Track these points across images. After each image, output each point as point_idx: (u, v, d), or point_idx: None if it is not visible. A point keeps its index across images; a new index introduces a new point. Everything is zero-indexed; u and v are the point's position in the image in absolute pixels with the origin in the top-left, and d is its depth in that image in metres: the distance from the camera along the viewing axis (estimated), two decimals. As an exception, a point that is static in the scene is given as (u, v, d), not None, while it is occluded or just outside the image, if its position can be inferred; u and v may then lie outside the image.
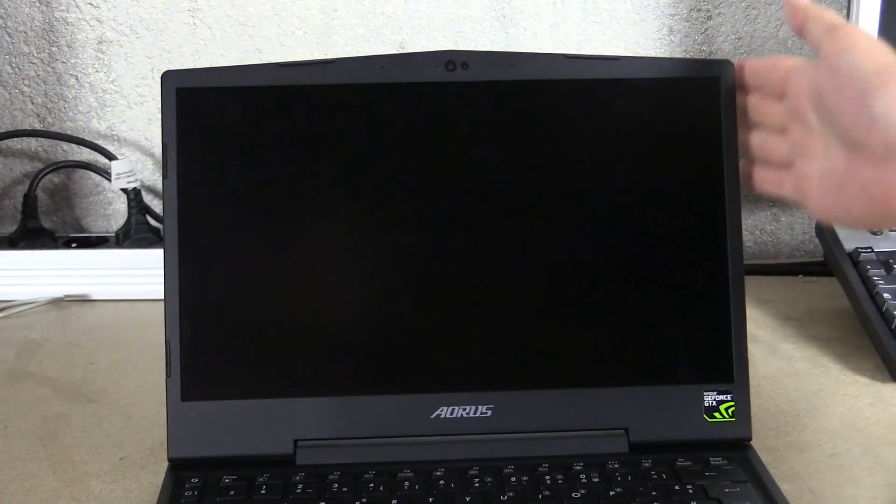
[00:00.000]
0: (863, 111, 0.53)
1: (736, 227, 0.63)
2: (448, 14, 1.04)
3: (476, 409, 0.62)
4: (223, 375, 0.62)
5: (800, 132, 0.59)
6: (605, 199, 0.64)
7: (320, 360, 0.63)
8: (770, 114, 0.62)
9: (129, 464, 0.66)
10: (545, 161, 0.64)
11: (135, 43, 1.04)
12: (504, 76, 0.63)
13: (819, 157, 0.57)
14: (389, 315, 0.63)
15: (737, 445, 0.63)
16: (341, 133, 0.63)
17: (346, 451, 0.61)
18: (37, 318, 0.92)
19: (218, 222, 0.63)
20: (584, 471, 0.60)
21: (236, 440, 0.61)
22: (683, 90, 0.63)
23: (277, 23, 1.04)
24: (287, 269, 0.63)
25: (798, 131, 0.59)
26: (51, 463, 0.66)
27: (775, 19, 1.06)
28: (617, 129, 0.64)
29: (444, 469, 0.60)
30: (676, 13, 1.05)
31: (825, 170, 0.57)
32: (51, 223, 1.07)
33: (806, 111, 0.58)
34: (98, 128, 1.06)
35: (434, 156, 0.63)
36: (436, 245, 0.63)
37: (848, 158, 0.55)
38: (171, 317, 0.61)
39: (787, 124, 0.60)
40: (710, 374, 0.63)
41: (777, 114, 0.61)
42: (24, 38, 1.03)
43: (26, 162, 1.07)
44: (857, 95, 0.53)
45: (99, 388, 0.78)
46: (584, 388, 0.63)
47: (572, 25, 1.05)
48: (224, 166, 0.63)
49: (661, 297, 0.63)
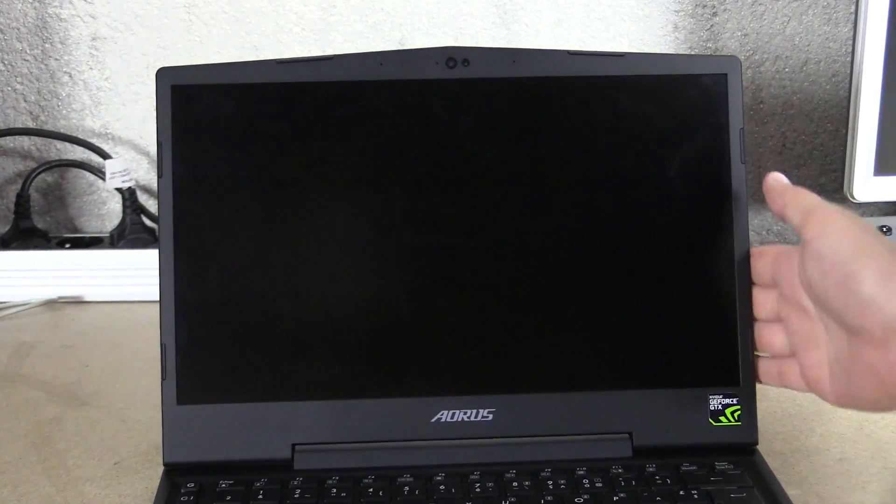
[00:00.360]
0: (851, 295, 0.51)
1: (742, 228, 0.62)
2: (449, 10, 1.04)
3: (477, 412, 0.62)
4: (219, 378, 0.62)
5: (798, 319, 0.58)
6: (609, 200, 0.63)
7: (319, 362, 0.62)
8: (762, 304, 0.61)
9: (124, 468, 0.66)
10: (548, 160, 0.63)
11: (129, 39, 1.04)
12: (506, 73, 0.62)
13: (823, 344, 0.56)
14: (389, 316, 0.63)
15: (743, 450, 0.62)
16: (340, 131, 0.62)
17: (344, 456, 0.61)
18: (30, 319, 0.92)
19: (214, 222, 0.62)
20: (587, 475, 0.60)
21: (233, 444, 0.61)
22: (689, 87, 0.63)
23: (275, 19, 1.03)
24: (284, 270, 0.62)
25: (796, 319, 0.58)
26: (44, 467, 0.66)
27: (782, 16, 1.05)
28: (621, 128, 0.63)
29: (445, 474, 0.60)
30: (681, 9, 1.05)
31: (832, 355, 0.56)
32: (44, 223, 1.07)
33: (801, 297, 0.57)
34: (92, 126, 1.06)
35: (435, 155, 0.63)
36: (436, 246, 0.62)
37: (850, 342, 0.53)
38: (166, 319, 0.61)
39: (784, 312, 0.59)
40: (715, 378, 0.62)
41: (769, 303, 0.60)
42: (17, 34, 1.03)
43: (19, 161, 1.07)
44: (842, 280, 0.52)
45: (93, 391, 0.77)
46: (587, 392, 0.62)
47: (575, 21, 1.04)
48: (221, 165, 0.62)
49: (666, 298, 0.63)
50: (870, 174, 0.90)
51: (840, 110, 1.06)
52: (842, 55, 1.06)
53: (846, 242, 0.52)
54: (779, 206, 0.58)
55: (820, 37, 1.05)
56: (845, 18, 1.05)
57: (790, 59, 1.06)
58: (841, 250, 0.52)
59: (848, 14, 1.04)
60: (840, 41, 1.05)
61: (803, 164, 1.09)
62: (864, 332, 0.52)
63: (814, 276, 0.54)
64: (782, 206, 0.57)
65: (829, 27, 1.05)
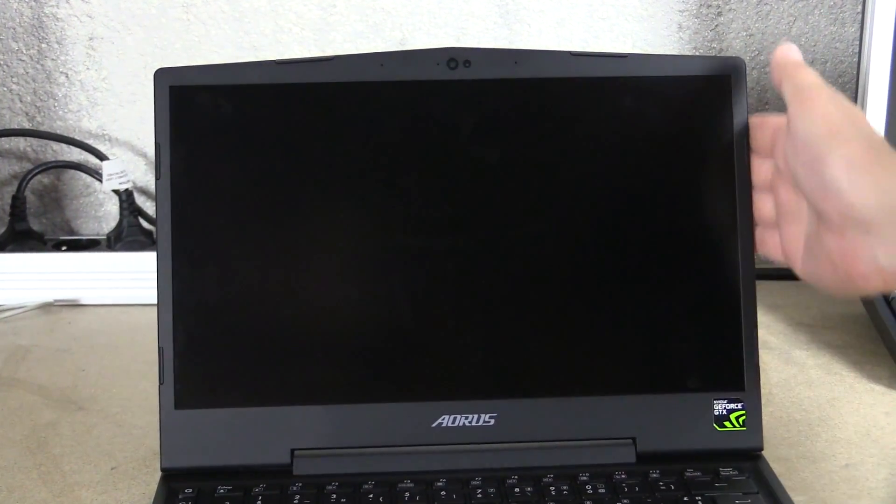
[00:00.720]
0: (816, 177, 0.52)
1: (747, 230, 0.62)
2: (450, 10, 1.04)
3: (479, 417, 0.61)
4: (218, 383, 0.61)
5: (786, 192, 0.58)
6: (612, 202, 0.63)
7: (318, 366, 0.62)
8: (758, 172, 0.61)
9: (121, 474, 0.66)
10: (550, 162, 0.63)
11: (127, 39, 1.03)
12: (508, 74, 0.62)
13: (802, 221, 0.57)
14: (389, 320, 0.62)
15: (748, 455, 0.62)
16: (340, 133, 0.62)
17: (344, 461, 0.61)
18: (25, 323, 0.92)
19: (213, 225, 0.62)
20: (590, 481, 0.59)
21: (231, 449, 0.61)
22: (693, 88, 0.62)
23: (274, 19, 1.03)
24: (284, 273, 0.62)
25: (784, 191, 0.58)
26: (40, 473, 0.66)
27: (788, 16, 1.05)
28: (625, 130, 0.63)
29: (446, 479, 0.60)
30: (686, 9, 1.04)
31: (805, 234, 0.56)
32: (40, 225, 1.07)
33: (788, 172, 0.57)
34: (89, 127, 1.06)
35: (436, 157, 0.62)
36: (437, 249, 0.62)
37: (817, 224, 0.54)
38: (164, 322, 0.61)
39: (775, 183, 0.59)
40: (720, 382, 0.62)
41: (764, 172, 0.60)
42: (13, 34, 1.03)
43: (14, 162, 1.07)
44: (809, 161, 0.52)
45: (89, 395, 0.77)
46: (590, 397, 0.62)
47: (578, 22, 1.04)
48: (219, 167, 0.62)
49: (670, 301, 0.63)
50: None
51: (845, 111, 1.06)
52: (848, 56, 1.05)
53: (821, 124, 0.52)
54: (777, 78, 0.57)
55: (826, 37, 1.05)
56: (852, 19, 1.04)
57: (795, 59, 1.06)
58: (813, 131, 0.52)
59: (854, 14, 1.04)
60: (846, 42, 1.05)
61: (806, 166, 1.08)
62: (824, 215, 0.52)
63: (788, 154, 0.55)
64: (780, 78, 0.57)
65: (835, 27, 1.05)
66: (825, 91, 0.54)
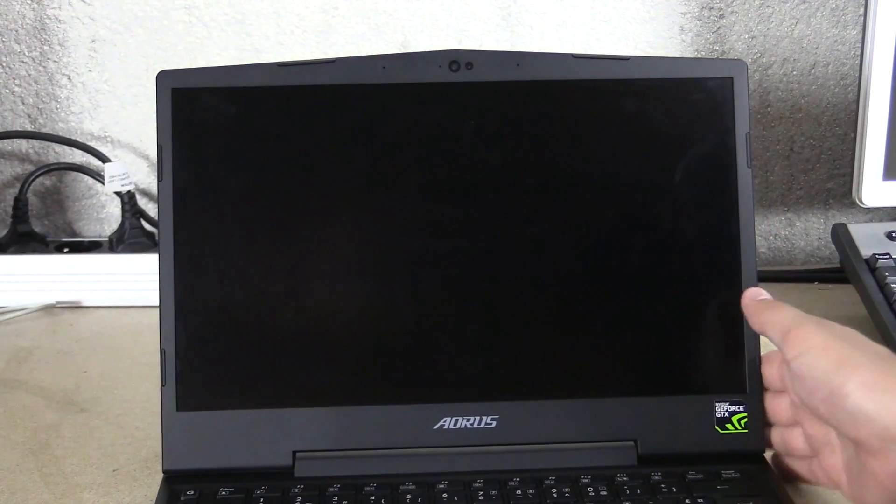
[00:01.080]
0: (840, 410, 0.51)
1: (749, 233, 0.62)
2: (452, 12, 1.04)
3: (480, 419, 0.61)
4: (220, 385, 0.61)
5: (811, 425, 0.58)
6: (614, 205, 0.63)
7: (320, 368, 0.62)
8: (776, 409, 0.61)
9: (123, 476, 0.65)
10: (552, 164, 0.63)
11: (129, 41, 1.03)
12: (509, 76, 0.62)
13: (836, 450, 0.56)
14: (391, 322, 0.62)
15: (750, 458, 0.62)
16: (342, 135, 0.62)
17: (346, 463, 0.61)
18: (27, 325, 0.92)
19: (215, 227, 0.62)
20: (591, 483, 0.59)
21: (233, 451, 0.60)
22: (695, 91, 0.63)
23: (276, 21, 1.03)
24: (286, 275, 0.62)
25: (809, 425, 0.58)
26: (41, 475, 0.66)
27: (790, 18, 1.05)
28: (627, 132, 0.63)
29: (448, 481, 0.59)
30: (688, 11, 1.04)
31: (844, 460, 0.55)
32: (42, 227, 1.07)
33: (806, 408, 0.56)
34: (91, 129, 1.05)
35: (437, 159, 0.62)
36: (439, 251, 0.62)
37: (855, 450, 0.53)
38: (165, 324, 0.61)
39: (798, 417, 0.59)
40: (722, 385, 0.62)
41: (783, 407, 0.60)
42: (15, 36, 1.03)
43: (17, 164, 1.07)
44: (827, 397, 0.52)
45: (91, 397, 0.77)
46: (591, 399, 0.62)
47: (580, 24, 1.04)
48: (221, 169, 0.62)
49: (672, 304, 0.62)
50: (879, 179, 0.89)
51: (849, 114, 1.06)
52: (850, 58, 1.05)
53: (826, 359, 0.52)
54: (758, 325, 0.58)
55: (828, 39, 1.05)
56: (854, 21, 1.04)
57: (798, 62, 1.06)
58: (821, 367, 0.52)
59: (857, 16, 1.04)
60: (849, 44, 1.05)
61: (811, 169, 1.08)
62: (862, 442, 0.51)
63: (802, 394, 0.55)
64: (761, 326, 0.58)
65: (837, 30, 1.05)
66: (810, 322, 0.55)
